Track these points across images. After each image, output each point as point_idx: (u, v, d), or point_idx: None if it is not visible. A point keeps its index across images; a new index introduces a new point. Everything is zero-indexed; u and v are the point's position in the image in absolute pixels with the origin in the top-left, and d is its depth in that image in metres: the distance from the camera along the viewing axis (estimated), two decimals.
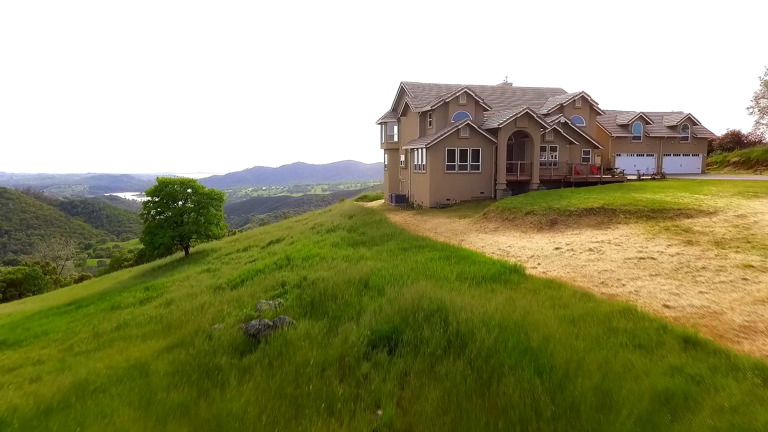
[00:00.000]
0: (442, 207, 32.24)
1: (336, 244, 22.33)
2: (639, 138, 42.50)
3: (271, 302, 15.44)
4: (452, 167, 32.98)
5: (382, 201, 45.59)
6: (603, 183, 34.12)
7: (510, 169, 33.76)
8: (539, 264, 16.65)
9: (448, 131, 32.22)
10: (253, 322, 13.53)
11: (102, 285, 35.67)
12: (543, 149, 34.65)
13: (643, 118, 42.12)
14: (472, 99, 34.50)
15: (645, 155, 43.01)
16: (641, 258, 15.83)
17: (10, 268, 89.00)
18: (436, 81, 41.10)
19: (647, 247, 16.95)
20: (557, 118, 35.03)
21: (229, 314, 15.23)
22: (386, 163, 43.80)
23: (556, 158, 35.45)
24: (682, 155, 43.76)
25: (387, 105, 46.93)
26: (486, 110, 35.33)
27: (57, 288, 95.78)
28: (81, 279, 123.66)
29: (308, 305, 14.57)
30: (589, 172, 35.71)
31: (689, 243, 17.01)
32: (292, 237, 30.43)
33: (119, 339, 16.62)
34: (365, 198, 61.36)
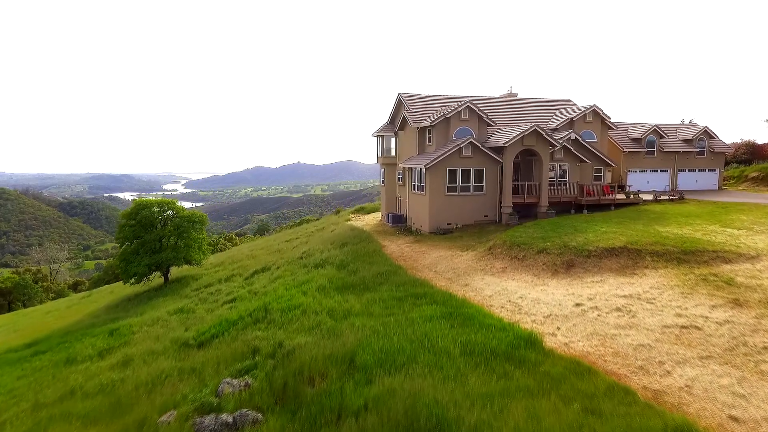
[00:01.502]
0: (442, 233, 29.54)
1: (322, 288, 19.64)
2: (653, 153, 39.82)
3: (235, 382, 12.75)
4: (453, 189, 30.29)
5: (379, 218, 42.91)
6: (617, 205, 31.45)
7: (516, 190, 31.09)
8: (559, 329, 13.97)
9: (449, 150, 29.53)
10: (207, 421, 10.87)
11: (75, 314, 32.96)
12: (552, 168, 31.97)
13: (657, 132, 39.45)
14: (475, 114, 31.81)
15: (659, 171, 40.34)
16: (683, 327, 13.15)
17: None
18: (437, 92, 38.50)
19: (687, 309, 14.27)
20: (567, 135, 32.34)
21: (184, 398, 12.52)
22: (383, 178, 41.11)
23: (565, 178, 32.75)
24: (697, 170, 41.09)
25: (387, 107, 44.10)
26: (490, 125, 32.65)
27: (48, 296, 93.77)
28: (75, 285, 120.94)
29: (280, 390, 11.87)
30: (602, 192, 33.02)
31: (736, 303, 14.34)
32: (278, 267, 27.76)
33: (59, 418, 13.92)
34: (362, 210, 58.87)
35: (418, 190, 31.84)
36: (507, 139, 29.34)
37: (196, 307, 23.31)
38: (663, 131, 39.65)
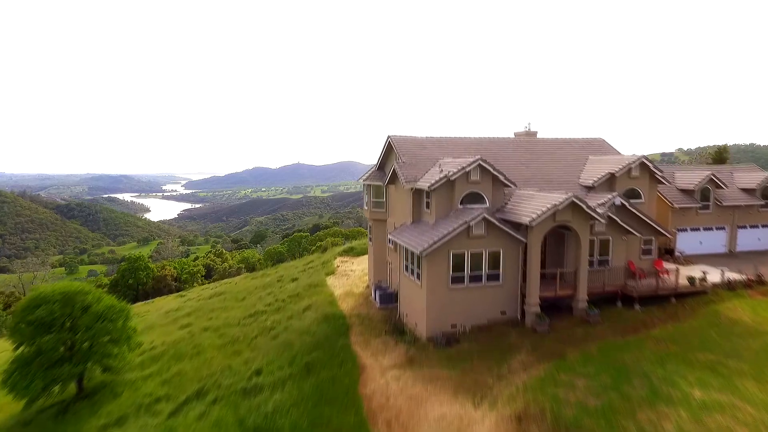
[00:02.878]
0: (445, 342, 21.57)
1: None
2: (707, 207, 31.84)
3: None
4: (460, 279, 22.37)
5: (367, 279, 34.93)
6: (678, 296, 23.51)
7: (543, 276, 23.07)
8: None
9: (455, 230, 21.57)
10: None
11: None
12: (590, 243, 23.97)
13: (713, 181, 31.46)
14: (488, 174, 23.86)
15: (714, 228, 32.36)
16: None
17: None
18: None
19: None
20: (611, 200, 24.39)
21: None
22: (371, 235, 33.22)
23: (608, 255, 24.82)
24: (760, 226, 33.11)
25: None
26: (508, 186, 24.70)
27: None
28: None
29: None
30: (655, 272, 25.06)
31: None
32: (215, 400, 19.86)
33: None
34: (351, 252, 51.53)
35: (412, 275, 23.90)
36: (533, 216, 21.36)
37: None
38: (720, 180, 31.64)
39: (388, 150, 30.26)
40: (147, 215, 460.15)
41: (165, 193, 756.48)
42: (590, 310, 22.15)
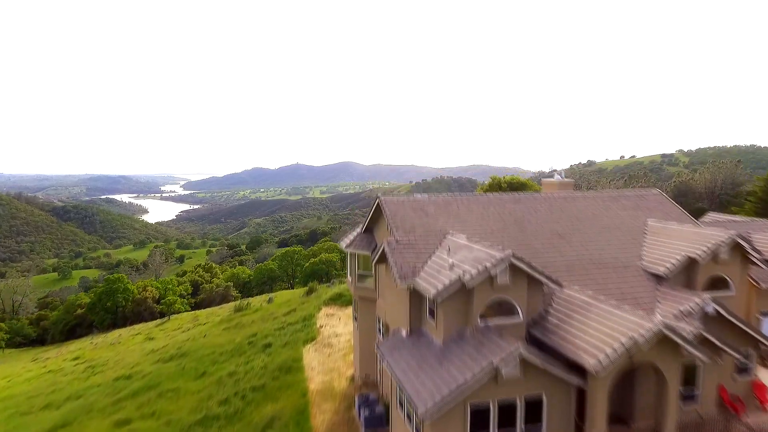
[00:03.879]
0: None
1: None
2: None
3: None
4: None
5: (351, 371, 27.27)
6: None
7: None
8: None
9: (475, 376, 13.87)
10: None
11: None
12: None
13: None
14: (521, 275, 16.10)
15: None
16: None
17: None
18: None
19: None
20: (700, 307, 16.68)
21: None
22: (356, 314, 25.60)
23: (695, 389, 17.13)
24: None
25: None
26: (542, 284, 16.97)
27: None
28: (38, 320, 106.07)
29: None
30: (757, 405, 17.44)
31: None
32: None
33: None
34: (339, 299, 44.32)
35: (409, 422, 16.17)
36: (599, 357, 13.62)
37: None
38: None
39: (378, 214, 22.56)
40: (145, 216, 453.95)
41: (163, 194, 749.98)
42: None
